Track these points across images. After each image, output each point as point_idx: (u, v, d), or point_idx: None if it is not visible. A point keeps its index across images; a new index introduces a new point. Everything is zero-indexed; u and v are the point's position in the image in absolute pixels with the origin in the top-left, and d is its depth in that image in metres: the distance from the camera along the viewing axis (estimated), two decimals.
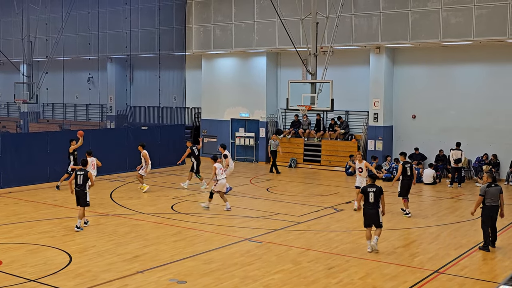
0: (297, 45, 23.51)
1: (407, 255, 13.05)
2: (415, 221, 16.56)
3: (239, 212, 17.58)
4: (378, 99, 26.02)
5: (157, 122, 30.00)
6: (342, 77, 26.79)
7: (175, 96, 30.48)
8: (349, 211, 17.79)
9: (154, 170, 25.77)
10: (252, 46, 28.35)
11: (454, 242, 14.24)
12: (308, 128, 28.49)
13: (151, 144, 26.78)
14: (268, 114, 29.49)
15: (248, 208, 18.24)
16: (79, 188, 14.96)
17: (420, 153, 25.37)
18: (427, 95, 25.71)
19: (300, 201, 19.26)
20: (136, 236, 14.33)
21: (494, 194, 13.51)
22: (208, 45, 29.73)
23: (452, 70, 25.21)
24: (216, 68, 30.90)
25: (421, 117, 26.02)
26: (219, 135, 30.89)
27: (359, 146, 26.78)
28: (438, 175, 24.00)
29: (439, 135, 25.42)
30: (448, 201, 20.03)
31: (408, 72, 26.18)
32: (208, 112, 31.31)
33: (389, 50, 26.03)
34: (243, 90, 29.89)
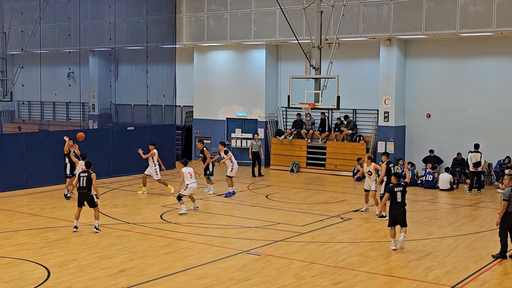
0: (299, 37, 23.50)
1: (421, 269, 13.05)
2: (430, 231, 16.56)
3: (235, 222, 17.56)
4: (388, 96, 26.03)
5: (145, 122, 29.98)
6: (349, 72, 26.79)
7: (165, 93, 30.49)
8: (357, 220, 17.79)
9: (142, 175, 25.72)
10: (250, 38, 28.36)
11: (474, 255, 14.24)
12: (312, 129, 28.50)
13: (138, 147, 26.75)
14: (268, 113, 29.50)
15: (245, 217, 18.23)
16: (82, 191, 15.83)
17: (436, 156, 25.38)
18: (443, 92, 25.74)
19: (303, 209, 19.25)
20: (122, 249, 14.29)
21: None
22: (200, 36, 29.73)
23: (470, 64, 25.23)
24: (209, 62, 30.89)
25: (436, 116, 26.04)
26: (213, 136, 30.88)
27: (368, 148, 26.79)
28: (455, 180, 24.02)
29: (457, 136, 25.44)
30: (466, 209, 20.04)
31: (422, 66, 26.20)
32: (201, 111, 31.31)
33: (401, 42, 26.05)
34: (240, 86, 29.89)
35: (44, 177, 22.92)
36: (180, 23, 30.11)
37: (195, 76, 31.29)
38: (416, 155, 26.09)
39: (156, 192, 22.16)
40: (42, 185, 22.76)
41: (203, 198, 20.88)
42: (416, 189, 23.82)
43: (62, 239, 15.17)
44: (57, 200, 20.43)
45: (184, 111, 32.88)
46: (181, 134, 31.74)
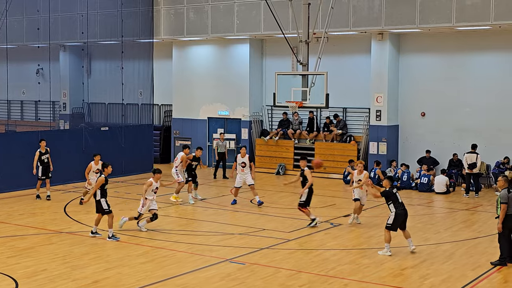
0: (285, 31, 23.54)
1: (416, 277, 13.10)
2: (426, 237, 16.64)
3: (217, 228, 17.55)
4: (381, 94, 26.14)
5: (120, 122, 29.87)
6: (339, 68, 26.87)
7: (141, 91, 30.38)
8: (347, 225, 17.84)
9: (117, 179, 25.66)
10: (233, 32, 28.36)
11: (471, 262, 14.33)
12: (299, 128, 28.55)
13: (113, 148, 26.69)
14: (252, 112, 29.51)
15: (228, 223, 18.21)
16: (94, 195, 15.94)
17: (432, 157, 25.52)
18: (438, 89, 25.88)
19: (290, 215, 19.27)
20: (95, 258, 14.23)
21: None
22: (180, 30, 29.68)
23: (467, 60, 25.40)
24: (189, 57, 30.86)
25: (431, 115, 26.18)
26: (193, 137, 30.84)
27: (359, 149, 26.88)
28: (452, 183, 24.16)
29: (453, 136, 25.60)
30: (463, 213, 20.17)
31: (416, 62, 26.34)
32: (180, 110, 31.26)
33: (393, 37, 26.17)
34: (222, 83, 29.88)
35: (11, 182, 22.76)
36: (157, 15, 30.05)
37: (174, 73, 31.23)
38: (410, 156, 26.22)
39: (132, 197, 22.09)
40: (9, 190, 22.60)
41: (184, 203, 20.83)
42: (410, 192, 23.94)
43: (30, 248, 15.07)
44: (26, 206, 20.30)
45: (162, 110, 32.79)
46: (159, 134, 31.66)
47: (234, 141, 29.57)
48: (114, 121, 31.19)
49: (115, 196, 22.30)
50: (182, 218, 18.86)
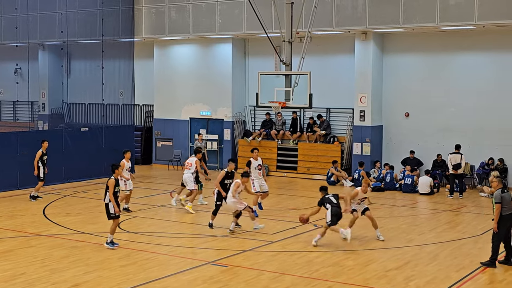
0: (268, 30, 23.55)
1: (400, 279, 13.15)
2: (409, 239, 16.71)
3: (200, 230, 17.51)
4: (365, 94, 26.22)
5: (100, 122, 29.73)
6: (322, 68, 26.90)
7: (122, 91, 30.26)
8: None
9: (98, 180, 25.54)
10: (215, 31, 28.33)
11: (456, 263, 14.40)
12: (282, 129, 28.57)
13: (93, 150, 26.55)
14: (235, 112, 29.49)
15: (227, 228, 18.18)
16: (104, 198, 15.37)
17: (416, 158, 25.63)
18: (422, 89, 26.00)
19: (273, 216, 19.27)
20: (75, 261, 14.15)
21: (509, 201, 13.74)
22: (161, 29, 29.60)
23: (451, 60, 25.54)
24: (171, 57, 30.78)
25: (415, 115, 26.30)
26: (175, 137, 30.77)
27: (342, 150, 26.94)
28: (436, 184, 24.27)
29: (437, 137, 25.72)
30: (447, 214, 20.28)
31: (400, 62, 26.44)
32: (162, 110, 31.17)
33: (377, 36, 26.27)
34: (204, 83, 29.83)
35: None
36: (138, 14, 29.95)
37: (156, 73, 31.14)
38: (394, 157, 26.33)
39: None
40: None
41: (166, 205, 20.77)
42: (394, 193, 24.04)
43: (9, 251, 14.95)
44: (4, 209, 20.14)
45: (143, 110, 32.68)
46: (140, 135, 31.55)
47: (216, 142, 29.54)
48: (94, 122, 31.05)
49: (95, 198, 22.20)
50: (164, 220, 18.81)
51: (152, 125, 31.87)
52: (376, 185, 24.43)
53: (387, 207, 21.46)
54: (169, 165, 30.21)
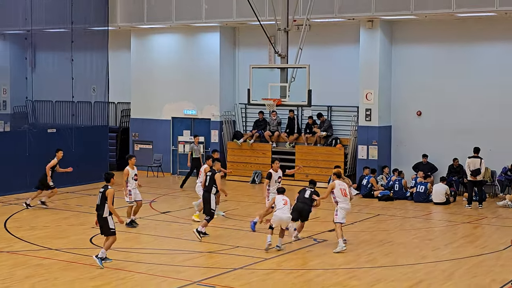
0: (261, 17, 23.55)
1: None
2: (423, 255, 16.74)
3: (184, 246, 17.50)
4: (371, 90, 26.25)
5: (70, 122, 29.66)
6: (323, 61, 26.93)
7: (95, 87, 30.21)
8: (334, 241, 17.86)
9: (67, 189, 25.50)
10: (200, 19, 28.32)
11: (474, 283, 14.43)
12: (278, 130, 28.58)
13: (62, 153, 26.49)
14: (223, 111, 29.50)
15: (196, 239, 18.16)
16: (97, 212, 15.27)
17: (429, 163, 25.67)
18: (437, 85, 26.04)
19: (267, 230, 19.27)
20: (41, 281, 14.09)
21: None
22: (139, 17, 29.57)
23: (470, 51, 25.58)
24: (150, 48, 30.76)
25: (429, 114, 26.34)
26: (155, 140, 30.73)
27: (346, 153, 26.97)
28: (452, 192, 24.32)
29: (454, 139, 25.74)
30: (465, 227, 20.32)
31: (411, 53, 26.48)
32: (140, 109, 31.14)
33: (385, 24, 26.31)
34: (188, 78, 29.82)
35: None
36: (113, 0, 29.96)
37: (133, 66, 31.11)
38: (404, 161, 26.35)
39: (84, 210, 21.96)
40: None
41: (144, 217, 20.75)
42: (405, 203, 24.08)
43: None
44: None
45: (119, 109, 32.63)
46: (115, 137, 31.50)
47: (202, 145, 29.51)
48: (63, 122, 30.94)
49: (64, 209, 22.17)
50: (143, 234, 18.79)
51: (129, 125, 31.81)
52: (384, 194, 24.47)
53: (397, 219, 21.50)
54: (148, 171, 30.18)
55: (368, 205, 23.42)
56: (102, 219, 15.22)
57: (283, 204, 17.07)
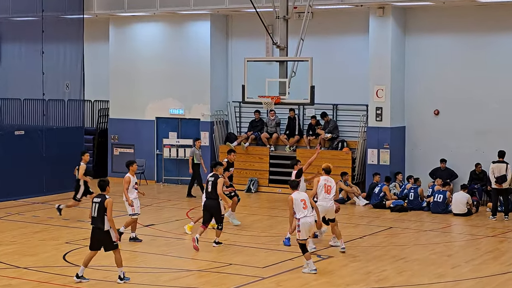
0: (257, 4, 23.60)
1: None
2: (440, 273, 16.77)
3: (170, 264, 17.50)
4: (382, 86, 26.29)
5: (40, 123, 29.67)
6: (327, 53, 26.99)
7: (68, 83, 30.22)
8: (340, 258, 17.91)
9: (36, 199, 25.49)
10: (188, 5, 28.31)
11: None
12: (276, 132, 28.59)
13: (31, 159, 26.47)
14: (214, 110, 29.51)
15: (184, 256, 18.19)
16: (93, 224, 15.25)
17: (448, 168, 25.71)
18: (456, 80, 26.08)
19: (265, 245, 19.30)
20: None
21: None
22: (119, 3, 29.55)
23: (493, 42, 25.63)
24: (132, 39, 30.76)
25: (448, 114, 26.38)
26: (137, 143, 30.72)
27: (353, 158, 27.00)
28: (474, 202, 24.35)
29: (476, 141, 25.78)
30: (489, 241, 20.35)
31: (428, 45, 26.52)
32: (120, 108, 31.13)
33: (398, 12, 26.37)
34: (175, 73, 29.82)
35: None
36: None
37: (112, 59, 31.10)
38: (420, 167, 26.39)
39: (57, 223, 21.96)
40: None
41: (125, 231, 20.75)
42: (421, 214, 24.12)
43: None
44: None
45: (96, 108, 32.63)
46: (92, 140, 31.49)
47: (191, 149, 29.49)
48: (33, 123, 30.97)
49: (34, 221, 22.15)
50: (124, 250, 18.76)
51: (108, 127, 31.81)
52: (397, 204, 24.51)
53: (412, 231, 21.53)
54: None
55: (379, 216, 23.46)
56: (103, 233, 15.14)
57: (303, 208, 16.35)
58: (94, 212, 15.22)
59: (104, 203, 15.10)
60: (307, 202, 16.47)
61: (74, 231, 20.83)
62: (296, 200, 16.33)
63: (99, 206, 15.14)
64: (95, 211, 15.19)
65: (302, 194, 16.73)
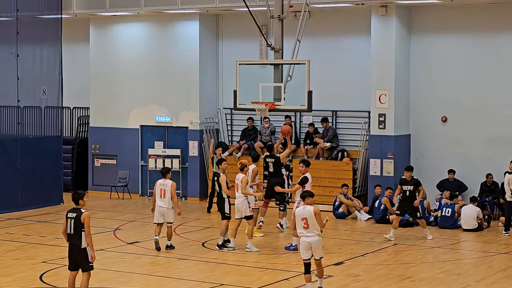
0: (250, 3, 23.62)
1: None
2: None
3: (156, 284, 17.47)
4: (385, 91, 26.31)
5: (15, 132, 29.63)
6: (326, 56, 27.02)
7: (45, 88, 30.20)
8: (340, 277, 17.89)
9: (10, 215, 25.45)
10: (175, 4, 28.33)
11: None
12: (271, 140, 28.58)
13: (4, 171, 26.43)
14: (203, 117, 29.51)
15: (171, 276, 18.16)
16: (70, 241, 14.92)
17: (457, 180, 25.72)
18: (465, 84, 26.11)
19: (259, 263, 19.27)
20: None
21: None
22: (100, 2, 29.56)
23: (505, 43, 25.65)
24: (114, 41, 30.75)
25: (456, 121, 26.40)
26: (120, 153, 30.66)
27: (355, 168, 26.99)
28: (485, 216, 24.36)
29: (487, 150, 25.81)
30: (502, 259, 20.35)
31: (434, 46, 26.56)
32: (101, 116, 31.09)
33: (402, 11, 26.40)
34: (161, 78, 29.82)
35: None
36: None
37: (92, 63, 31.08)
38: (427, 178, 26.34)
39: (33, 241, 21.90)
40: None
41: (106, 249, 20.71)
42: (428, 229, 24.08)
43: None
44: None
45: (75, 115, 32.60)
46: (71, 150, 31.46)
47: (178, 159, 29.48)
48: (6, 132, 30.93)
49: (9, 239, 22.10)
50: (105, 270, 18.73)
51: (88, 136, 31.77)
52: (402, 219, 24.45)
53: (418, 248, 21.52)
54: (112, 192, 30.12)
55: (382, 232, 23.41)
56: (80, 251, 14.81)
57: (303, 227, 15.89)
58: (69, 229, 14.80)
59: (80, 218, 14.71)
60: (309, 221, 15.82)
61: (51, 249, 20.78)
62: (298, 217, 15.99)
63: (75, 221, 14.74)
64: (71, 228, 14.77)
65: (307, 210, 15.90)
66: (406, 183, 21.96)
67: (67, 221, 14.87)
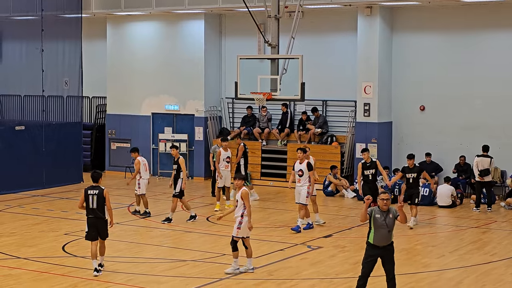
0: (249, 3, 23.57)
1: None
2: (426, 263, 16.78)
3: (165, 254, 17.49)
4: (370, 83, 26.29)
5: (40, 119, 29.61)
6: (317, 51, 26.97)
7: (67, 80, 30.15)
8: (329, 248, 17.91)
9: (36, 192, 25.45)
10: (183, 5, 28.27)
11: None
12: (268, 127, 28.59)
13: (31, 153, 26.43)
14: (208, 106, 29.48)
15: (178, 247, 18.17)
16: (93, 215, 15.38)
17: (433, 162, 25.75)
18: (441, 77, 26.09)
19: (257, 235, 19.27)
20: None
21: None
22: (116, 3, 29.49)
23: (478, 40, 25.64)
24: (128, 37, 30.70)
25: (433, 109, 26.41)
26: (134, 138, 30.66)
27: (342, 152, 27.01)
28: (458, 194, 24.38)
29: (460, 136, 25.82)
30: (473, 232, 20.38)
31: (414, 43, 26.53)
32: (117, 104, 31.08)
33: (385, 11, 26.36)
34: (170, 70, 29.78)
35: None
36: None
37: (109, 57, 31.04)
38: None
39: (56, 215, 21.92)
40: None
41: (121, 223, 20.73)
42: (407, 206, 24.07)
43: None
44: None
45: (94, 104, 32.58)
46: (90, 135, 31.45)
47: (185, 143, 29.50)
48: (33, 119, 30.89)
49: (34, 214, 22.12)
50: (120, 241, 18.75)
51: (105, 122, 31.77)
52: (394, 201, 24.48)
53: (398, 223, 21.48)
54: (126, 172, 30.11)
55: None
56: (103, 222, 15.47)
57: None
58: (92, 204, 15.34)
59: (102, 193, 15.34)
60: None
61: (72, 223, 20.82)
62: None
63: (98, 197, 15.34)
64: (93, 203, 15.34)
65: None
66: (410, 170, 21.49)
67: (89, 197, 15.41)
